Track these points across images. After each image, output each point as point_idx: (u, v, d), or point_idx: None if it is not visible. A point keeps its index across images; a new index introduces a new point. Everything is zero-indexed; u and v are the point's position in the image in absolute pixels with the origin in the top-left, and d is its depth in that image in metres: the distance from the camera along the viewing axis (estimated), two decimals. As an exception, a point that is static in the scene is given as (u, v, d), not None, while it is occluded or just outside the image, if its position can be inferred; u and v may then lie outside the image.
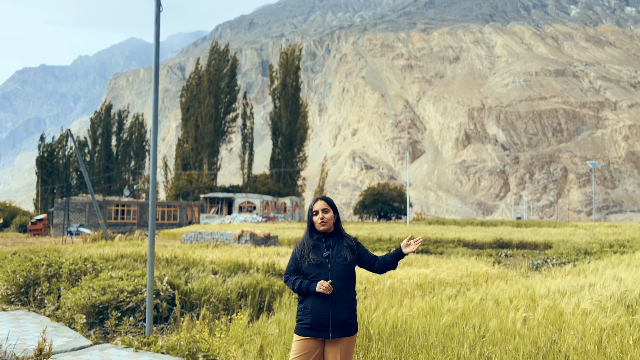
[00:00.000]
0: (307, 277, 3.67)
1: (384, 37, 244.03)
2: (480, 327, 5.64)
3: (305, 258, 3.70)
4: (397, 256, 3.82)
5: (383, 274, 10.66)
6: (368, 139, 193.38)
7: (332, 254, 3.69)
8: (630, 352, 4.91)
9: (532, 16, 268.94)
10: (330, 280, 3.57)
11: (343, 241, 3.78)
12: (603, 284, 7.66)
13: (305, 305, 3.62)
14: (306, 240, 3.78)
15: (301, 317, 3.64)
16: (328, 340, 3.61)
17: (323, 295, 3.57)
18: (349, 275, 3.69)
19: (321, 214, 3.76)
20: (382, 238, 26.38)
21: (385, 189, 74.87)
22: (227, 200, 65.40)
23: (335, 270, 3.64)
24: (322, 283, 3.53)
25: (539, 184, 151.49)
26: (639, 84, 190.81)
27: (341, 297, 3.60)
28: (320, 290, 3.51)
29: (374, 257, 3.86)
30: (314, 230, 3.79)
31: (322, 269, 3.64)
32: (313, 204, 3.82)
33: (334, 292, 3.57)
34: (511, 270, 12.67)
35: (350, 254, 3.73)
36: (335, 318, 3.57)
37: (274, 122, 75.01)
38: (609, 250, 18.71)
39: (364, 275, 10.22)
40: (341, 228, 3.86)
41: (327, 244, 3.74)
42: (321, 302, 3.57)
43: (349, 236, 3.87)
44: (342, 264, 3.66)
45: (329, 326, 3.56)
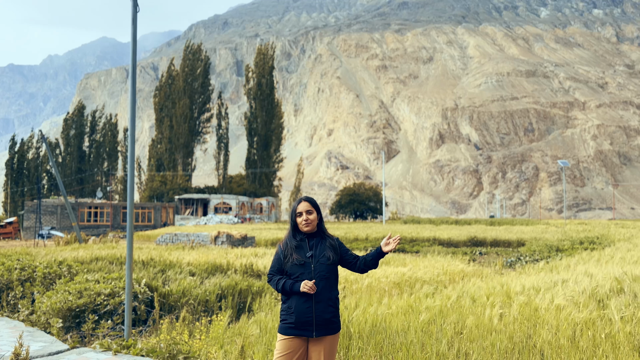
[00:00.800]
0: (291, 277, 3.70)
1: (359, 37, 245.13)
2: (457, 324, 5.75)
3: (288, 258, 3.73)
4: (377, 255, 3.90)
5: (362, 273, 10.76)
6: (343, 139, 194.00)
7: (315, 254, 3.73)
8: (602, 345, 5.07)
9: (503, 17, 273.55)
10: (314, 280, 3.62)
11: (326, 241, 3.83)
12: (575, 279, 7.87)
13: (289, 304, 3.65)
14: (289, 240, 3.81)
15: (285, 316, 3.67)
16: (312, 339, 3.65)
17: (307, 295, 3.60)
18: (332, 274, 3.75)
19: (305, 215, 3.80)
20: (359, 237, 26.53)
21: (361, 188, 75.25)
22: (202, 202, 64.83)
23: (318, 270, 3.69)
24: (305, 283, 3.58)
25: (511, 182, 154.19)
26: (606, 84, 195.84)
27: (324, 296, 3.65)
28: (304, 290, 3.56)
29: (356, 257, 3.92)
30: (297, 231, 3.83)
31: (306, 268, 3.68)
32: (296, 205, 3.84)
33: (318, 292, 3.62)
34: (486, 268, 12.90)
35: (333, 254, 3.79)
36: (319, 317, 3.62)
37: (249, 122, 74.64)
38: (579, 247, 19.18)
39: (342, 275, 10.29)
40: (324, 228, 3.91)
41: (310, 244, 3.78)
42: (305, 302, 3.61)
43: (331, 236, 3.91)
44: (325, 264, 3.71)
45: (313, 325, 3.61)
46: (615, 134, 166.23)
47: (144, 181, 78.00)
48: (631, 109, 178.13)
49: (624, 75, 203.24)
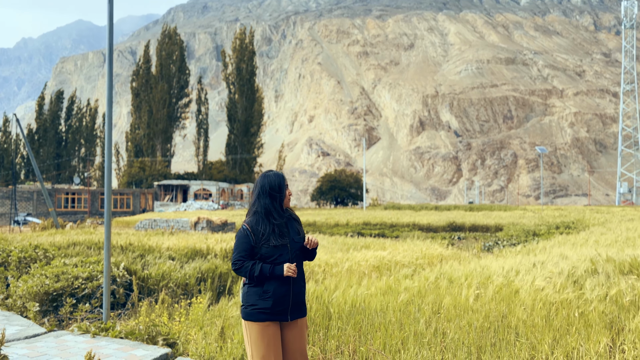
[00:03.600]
0: (268, 259, 3.40)
1: (340, 23, 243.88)
2: (435, 304, 5.83)
3: (266, 239, 3.40)
4: (305, 252, 3.64)
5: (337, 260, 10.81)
6: (325, 125, 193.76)
7: (290, 233, 3.52)
8: (575, 323, 5.20)
9: (484, 5, 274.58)
10: (295, 263, 3.43)
11: (292, 216, 3.63)
12: (551, 262, 8.04)
13: (266, 289, 3.38)
14: (277, 219, 3.47)
15: (256, 301, 3.38)
16: (285, 323, 3.45)
17: (285, 278, 3.39)
18: (302, 252, 3.56)
19: (289, 189, 3.62)
20: (339, 223, 26.65)
21: (342, 175, 75.45)
22: (182, 188, 64.33)
23: (294, 249, 3.48)
24: (289, 266, 3.35)
25: (490, 169, 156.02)
26: (584, 72, 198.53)
27: (299, 277, 3.50)
28: (288, 274, 3.34)
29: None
30: (281, 209, 3.53)
31: (283, 249, 3.43)
32: (283, 179, 3.55)
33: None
34: (464, 252, 13.08)
35: (301, 228, 3.63)
36: (295, 299, 3.45)
37: (229, 108, 74.04)
38: (555, 231, 19.56)
39: (323, 259, 10.34)
40: None
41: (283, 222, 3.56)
42: (283, 284, 3.38)
43: (292, 210, 3.70)
44: (299, 242, 3.52)
45: (289, 308, 3.42)
46: (591, 121, 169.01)
47: (123, 167, 77.06)
48: (607, 97, 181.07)
49: (601, 63, 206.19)
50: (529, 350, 4.80)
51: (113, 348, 5.38)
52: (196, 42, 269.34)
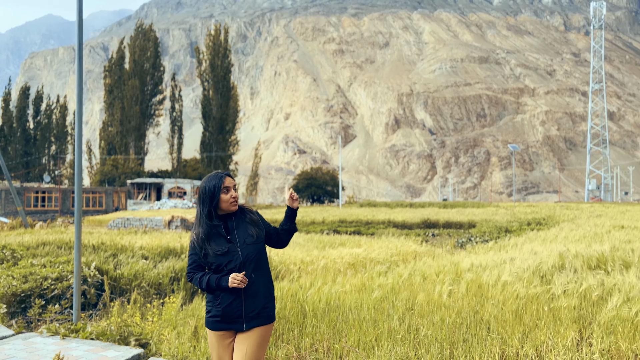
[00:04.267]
0: (217, 268, 3.16)
1: (315, 20, 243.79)
2: (409, 300, 5.89)
3: (205, 249, 3.17)
4: (291, 215, 3.47)
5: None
6: (301, 123, 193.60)
7: (237, 236, 3.22)
8: (544, 318, 5.31)
9: (457, 4, 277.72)
10: (244, 272, 3.12)
11: (246, 217, 3.31)
12: (521, 257, 8.18)
13: (217, 295, 3.16)
14: (203, 226, 3.19)
15: (210, 308, 3.20)
16: (241, 332, 3.20)
17: (235, 288, 3.12)
18: (262, 254, 3.28)
19: (233, 191, 3.25)
20: (316, 221, 26.68)
21: (319, 173, 75.52)
22: (155, 186, 63.53)
23: (246, 253, 3.19)
24: (234, 277, 3.07)
25: (463, 167, 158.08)
26: (554, 71, 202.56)
27: (257, 282, 3.21)
28: (233, 285, 3.06)
29: (276, 228, 3.48)
30: (215, 213, 3.22)
31: (232, 255, 3.17)
32: (220, 180, 3.23)
33: (249, 280, 3.16)
34: (438, 248, 13.23)
35: (257, 230, 3.29)
36: (250, 307, 3.18)
37: (204, 105, 73.37)
38: (527, 227, 19.94)
39: (298, 257, 10.34)
40: (239, 204, 3.37)
41: (229, 226, 3.25)
42: (231, 293, 3.13)
43: (250, 210, 3.38)
44: (252, 244, 3.22)
45: (243, 317, 3.17)
46: (562, 120, 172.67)
47: (95, 165, 75.70)
48: (577, 96, 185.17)
49: (571, 63, 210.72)
50: (500, 345, 4.88)
51: (83, 350, 5.28)
52: (170, 38, 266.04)
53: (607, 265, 7.09)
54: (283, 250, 11.11)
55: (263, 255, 3.29)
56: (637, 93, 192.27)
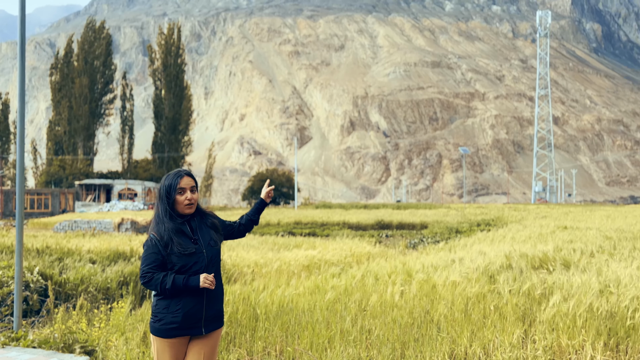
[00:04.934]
0: (181, 269, 3.06)
1: (271, 21, 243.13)
2: (361, 301, 5.94)
3: (171, 247, 3.06)
4: (259, 207, 3.52)
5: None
6: (256, 124, 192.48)
7: (202, 237, 3.17)
8: (490, 316, 5.47)
9: (411, 9, 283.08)
10: (213, 274, 3.10)
11: (207, 221, 3.26)
12: (470, 258, 8.41)
13: (175, 301, 3.04)
14: (167, 224, 3.10)
15: (164, 315, 3.05)
16: (198, 336, 3.13)
17: (197, 290, 3.05)
18: (219, 257, 3.26)
19: (189, 193, 3.15)
20: (271, 223, 26.57)
21: (274, 174, 75.33)
22: (105, 187, 61.69)
23: (210, 255, 3.15)
24: (206, 277, 3.02)
25: (416, 169, 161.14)
26: (504, 77, 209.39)
27: (217, 285, 3.18)
28: (205, 286, 3.01)
29: (234, 222, 3.49)
30: (173, 213, 3.14)
31: (198, 257, 3.10)
32: (175, 180, 3.13)
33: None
34: (391, 249, 13.43)
35: (218, 235, 3.27)
36: (210, 310, 3.13)
37: (156, 105, 71.88)
38: (476, 228, 20.51)
39: (252, 259, 10.27)
40: (200, 207, 3.29)
41: (192, 226, 3.19)
42: (194, 297, 3.06)
43: (212, 214, 3.35)
44: (215, 247, 3.19)
45: (202, 321, 3.10)
46: (510, 124, 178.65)
47: (41, 165, 72.82)
48: (524, 101, 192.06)
49: (519, 69, 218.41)
50: (450, 344, 4.99)
51: (24, 358, 5.07)
52: (121, 36, 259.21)
53: (550, 265, 7.38)
54: (236, 253, 11.01)
55: (220, 259, 3.29)
56: (580, 99, 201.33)
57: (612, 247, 9.75)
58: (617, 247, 9.75)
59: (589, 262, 7.67)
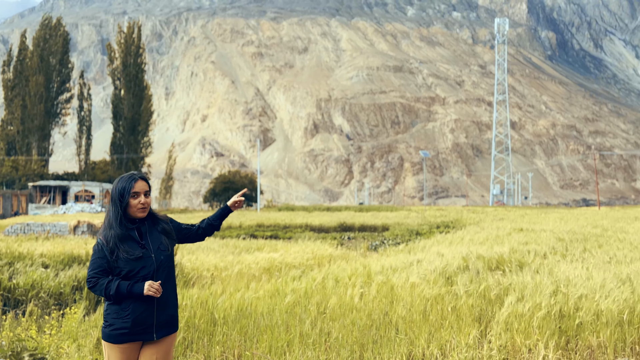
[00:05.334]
0: (128, 274, 3.01)
1: (234, 22, 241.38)
2: (321, 304, 5.94)
3: (117, 253, 3.01)
4: (223, 214, 3.48)
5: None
6: (218, 125, 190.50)
7: (151, 241, 3.12)
8: (448, 317, 5.56)
9: (374, 13, 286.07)
10: (159, 281, 3.04)
11: (158, 225, 3.21)
12: (429, 260, 8.54)
13: (124, 307, 2.99)
14: (115, 229, 3.04)
15: (114, 320, 3.01)
16: (150, 341, 3.10)
17: (147, 296, 3.00)
18: (172, 262, 3.21)
19: (142, 197, 3.11)
20: (232, 225, 26.32)
21: (237, 176, 74.70)
22: (60, 189, 59.82)
23: (160, 260, 3.10)
24: (151, 284, 2.96)
25: (379, 171, 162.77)
26: (463, 82, 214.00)
27: (167, 290, 3.12)
28: (149, 294, 2.95)
29: (193, 225, 3.44)
30: (126, 218, 3.10)
31: (146, 262, 3.05)
32: (129, 183, 3.09)
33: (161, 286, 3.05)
34: (352, 251, 13.50)
35: (170, 241, 3.22)
36: (161, 316, 3.08)
37: (115, 105, 70.25)
38: (436, 230, 20.86)
39: (212, 262, 10.14)
40: (153, 211, 3.27)
41: (141, 231, 3.13)
42: (143, 302, 3.01)
43: (162, 217, 3.29)
44: (165, 252, 3.14)
45: (154, 326, 3.06)
46: (469, 128, 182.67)
47: (-9, 166, 70.05)
48: (483, 106, 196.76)
49: (478, 74, 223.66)
50: (408, 345, 5.05)
51: (-30, 368, 4.85)
52: (79, 33, 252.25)
53: (505, 266, 7.57)
54: (196, 256, 10.85)
55: (173, 263, 3.24)
56: (536, 105, 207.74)
57: (564, 249, 10.09)
58: (568, 249, 10.09)
59: (542, 263, 7.90)
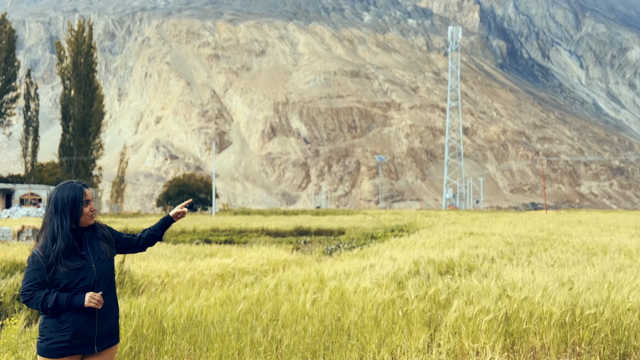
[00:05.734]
0: (67, 286, 2.93)
1: (190, 23, 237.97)
2: (273, 311, 5.91)
3: (55, 266, 2.93)
4: (165, 224, 3.43)
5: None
6: (173, 127, 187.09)
7: (91, 251, 3.06)
8: (399, 322, 5.63)
9: (331, 18, 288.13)
10: (100, 292, 2.97)
11: (97, 233, 3.15)
12: (381, 264, 8.63)
13: (63, 319, 2.90)
14: (60, 243, 2.95)
15: (52, 334, 2.90)
16: (91, 354, 3.01)
17: (88, 307, 2.93)
18: (113, 272, 3.16)
19: (91, 203, 3.08)
20: (186, 230, 25.88)
21: (191, 179, 73.56)
22: (4, 192, 57.30)
23: (101, 270, 3.04)
24: (92, 296, 2.89)
25: (336, 175, 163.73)
26: (418, 88, 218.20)
27: (109, 301, 3.06)
28: (90, 305, 2.88)
29: (134, 235, 3.37)
30: (73, 227, 3.05)
31: (87, 272, 2.98)
32: (81, 191, 3.04)
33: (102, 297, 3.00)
34: (307, 256, 13.50)
35: (109, 247, 3.17)
36: (103, 328, 3.01)
37: (64, 106, 67.95)
38: (390, 234, 21.14)
39: (163, 269, 9.91)
40: None
41: (82, 241, 3.08)
42: (83, 313, 2.93)
43: (101, 224, 3.22)
44: (105, 261, 3.09)
45: (95, 339, 2.97)
46: (424, 133, 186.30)
47: None
48: (437, 112, 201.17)
49: (432, 81, 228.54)
50: (359, 351, 5.08)
51: None
52: (26, 31, 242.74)
53: (455, 270, 7.74)
54: (147, 263, 10.59)
55: (114, 272, 3.17)
56: (487, 111, 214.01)
57: (512, 252, 10.41)
58: (516, 252, 10.42)
59: (491, 267, 8.12)
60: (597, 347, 5.18)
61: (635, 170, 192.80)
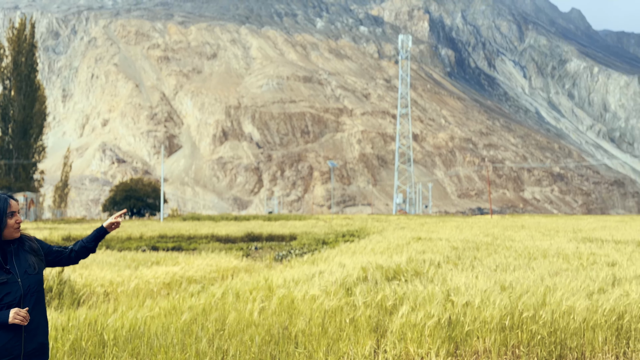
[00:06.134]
0: None
1: (139, 24, 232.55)
2: (219, 321, 5.82)
3: None
4: (98, 235, 3.34)
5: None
6: (120, 130, 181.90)
7: (17, 265, 2.95)
8: (346, 329, 5.66)
9: (284, 23, 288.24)
10: (27, 308, 2.85)
11: (25, 245, 3.06)
12: (331, 270, 8.67)
13: None
14: None
15: None
16: None
17: (13, 324, 2.82)
18: (42, 286, 3.05)
19: (18, 215, 3.00)
20: (133, 237, 25.16)
21: (139, 184, 71.65)
22: (-63, 197, 54.02)
23: (27, 285, 2.93)
24: (17, 312, 2.78)
25: (288, 180, 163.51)
26: (369, 95, 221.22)
27: (37, 317, 2.95)
28: (15, 322, 2.78)
29: (65, 247, 3.28)
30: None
31: (12, 287, 2.87)
32: (5, 203, 2.97)
33: (29, 313, 2.89)
34: (258, 263, 13.39)
35: (38, 260, 3.07)
36: (30, 345, 2.89)
37: (3, 107, 64.95)
38: (341, 239, 21.27)
39: (107, 278, 9.59)
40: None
41: (6, 254, 2.97)
42: (8, 330, 2.81)
43: (28, 237, 3.15)
44: (33, 274, 2.98)
45: (21, 357, 2.86)
46: (375, 139, 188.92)
47: None
48: (388, 118, 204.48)
49: (383, 88, 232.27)
50: (306, 359, 5.07)
51: None
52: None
53: (402, 276, 7.87)
54: (90, 271, 10.21)
55: (42, 287, 3.05)
56: (436, 118, 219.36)
57: (457, 257, 10.68)
58: (461, 257, 10.69)
59: (437, 272, 8.30)
60: (534, 349, 5.37)
61: (574, 177, 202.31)
